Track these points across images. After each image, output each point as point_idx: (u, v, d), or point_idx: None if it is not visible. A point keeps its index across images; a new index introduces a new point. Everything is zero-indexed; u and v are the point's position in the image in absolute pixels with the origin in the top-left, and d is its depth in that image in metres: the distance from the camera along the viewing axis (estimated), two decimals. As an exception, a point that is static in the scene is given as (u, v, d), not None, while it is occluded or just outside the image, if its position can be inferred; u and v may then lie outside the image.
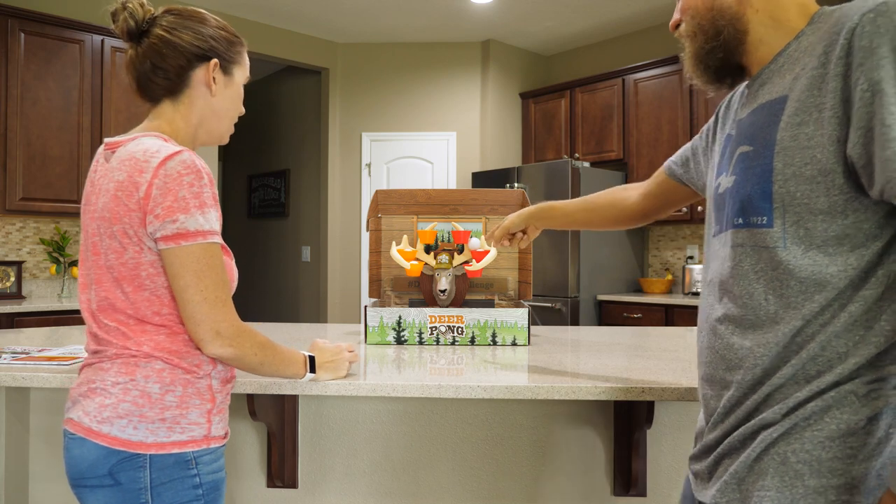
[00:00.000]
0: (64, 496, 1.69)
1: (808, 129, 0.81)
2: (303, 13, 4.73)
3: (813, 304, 0.81)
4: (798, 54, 0.86)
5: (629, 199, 1.39)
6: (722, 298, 0.92)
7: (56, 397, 1.70)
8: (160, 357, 1.06)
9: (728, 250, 0.91)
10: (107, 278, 1.07)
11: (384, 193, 2.15)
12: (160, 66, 1.13)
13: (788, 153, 0.82)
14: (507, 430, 1.62)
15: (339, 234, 5.34)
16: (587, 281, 4.35)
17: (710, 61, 0.96)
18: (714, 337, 0.93)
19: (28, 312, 3.36)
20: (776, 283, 0.84)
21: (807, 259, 0.81)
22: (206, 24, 1.17)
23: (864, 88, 0.75)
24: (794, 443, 0.82)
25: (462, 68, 5.27)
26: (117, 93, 3.87)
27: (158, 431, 1.05)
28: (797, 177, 0.81)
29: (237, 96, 1.23)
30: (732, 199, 0.90)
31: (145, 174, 1.03)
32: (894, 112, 0.72)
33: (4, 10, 3.49)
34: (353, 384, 1.34)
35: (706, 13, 0.94)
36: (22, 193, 3.57)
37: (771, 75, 0.90)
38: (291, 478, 1.61)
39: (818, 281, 0.81)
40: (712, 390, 0.93)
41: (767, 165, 0.84)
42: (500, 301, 2.13)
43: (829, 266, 0.80)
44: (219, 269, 1.06)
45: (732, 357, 0.89)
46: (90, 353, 1.12)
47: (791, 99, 0.84)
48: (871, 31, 0.75)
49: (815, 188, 0.80)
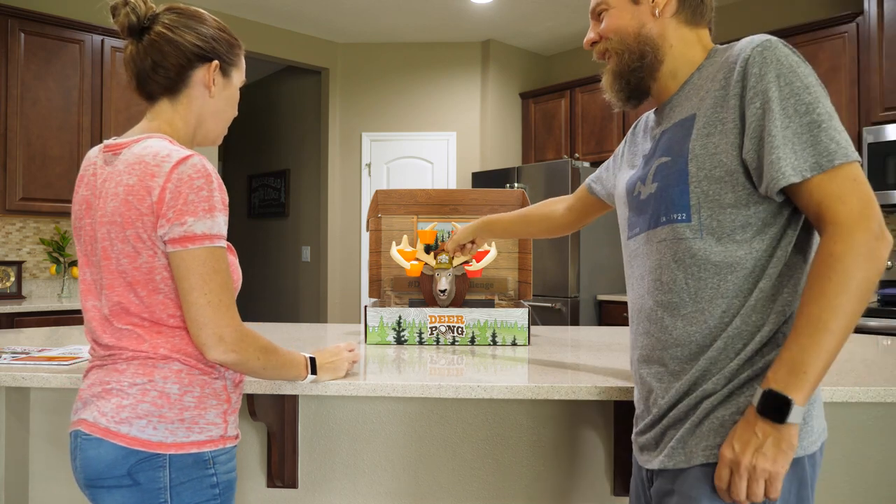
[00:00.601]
0: (64, 496, 1.69)
1: (714, 139, 0.98)
2: (303, 13, 4.73)
3: (728, 284, 0.98)
4: (701, 81, 1.05)
5: (557, 211, 1.60)
6: (651, 289, 1.06)
7: (56, 397, 1.70)
8: (177, 358, 1.07)
9: (653, 246, 1.06)
10: (119, 283, 1.07)
11: (384, 193, 2.15)
12: (161, 65, 1.13)
13: (700, 159, 0.99)
14: (507, 430, 1.62)
15: (339, 234, 5.34)
16: (587, 281, 4.35)
17: (631, 78, 1.11)
18: (649, 323, 1.07)
19: (28, 312, 3.36)
20: (695, 268, 1.00)
21: (720, 246, 0.98)
22: (206, 24, 1.17)
23: (757, 106, 0.93)
24: (731, 406, 0.97)
25: (462, 68, 5.27)
26: (117, 93, 3.87)
27: (178, 432, 1.05)
28: (708, 178, 0.98)
29: (233, 99, 1.23)
30: (657, 202, 1.05)
31: (157, 178, 1.03)
32: (778, 125, 0.91)
33: (4, 10, 3.49)
34: (353, 384, 1.34)
35: (634, 37, 1.09)
36: (22, 193, 3.57)
37: (680, 100, 1.08)
38: (291, 478, 1.61)
39: (730, 263, 0.97)
40: (650, 369, 1.07)
41: (684, 171, 1.00)
42: (500, 301, 2.13)
43: (738, 250, 0.97)
44: (224, 274, 1.06)
45: (668, 338, 1.03)
46: (99, 357, 1.11)
47: (699, 116, 1.01)
48: (760, 61, 0.94)
49: (723, 186, 0.97)
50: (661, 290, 1.04)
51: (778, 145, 0.90)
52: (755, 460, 0.89)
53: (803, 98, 0.91)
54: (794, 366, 0.88)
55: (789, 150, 0.90)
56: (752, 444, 0.89)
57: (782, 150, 0.90)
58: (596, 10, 1.15)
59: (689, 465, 0.99)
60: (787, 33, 3.78)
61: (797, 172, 0.90)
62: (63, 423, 1.70)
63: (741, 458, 0.90)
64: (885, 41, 3.39)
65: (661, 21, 1.08)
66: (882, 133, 3.35)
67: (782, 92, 0.92)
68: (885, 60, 3.39)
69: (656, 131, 1.12)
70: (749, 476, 0.90)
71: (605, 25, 1.12)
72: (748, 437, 0.90)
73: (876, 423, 1.55)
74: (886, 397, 1.29)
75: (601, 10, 1.13)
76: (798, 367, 0.88)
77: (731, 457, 0.91)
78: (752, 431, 0.90)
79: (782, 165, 0.90)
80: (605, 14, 1.12)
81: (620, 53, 1.11)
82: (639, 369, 1.11)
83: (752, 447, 0.89)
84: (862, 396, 1.29)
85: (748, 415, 0.92)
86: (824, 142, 0.90)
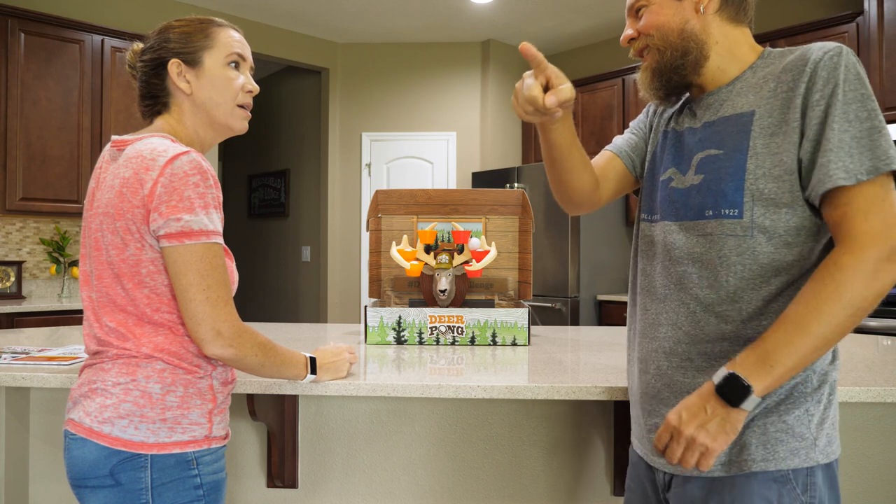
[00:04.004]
0: (64, 496, 1.69)
1: (777, 139, 0.97)
2: (303, 13, 4.73)
3: (770, 287, 0.97)
4: (756, 80, 1.04)
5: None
6: (685, 281, 1.04)
7: (56, 397, 1.70)
8: (160, 357, 1.06)
9: (693, 238, 1.04)
10: (107, 274, 1.08)
11: (384, 193, 2.15)
12: (141, 94, 1.20)
13: (760, 157, 0.98)
14: (507, 430, 1.62)
15: (339, 234, 5.34)
16: (587, 281, 4.35)
17: (673, 76, 1.09)
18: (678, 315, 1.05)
19: (28, 312, 3.36)
20: (739, 266, 0.99)
21: (769, 247, 0.97)
22: (165, 32, 1.18)
23: (821, 109, 0.93)
24: (772, 415, 0.97)
25: (462, 68, 5.27)
26: (117, 93, 3.87)
27: (160, 432, 1.04)
28: (766, 176, 0.97)
29: (218, 79, 1.17)
30: (702, 194, 1.03)
31: (151, 172, 1.03)
32: (835, 130, 0.91)
33: (4, 10, 3.49)
34: (353, 384, 1.34)
35: (678, 34, 1.07)
36: (22, 193, 3.57)
37: (730, 95, 1.06)
38: (291, 478, 1.61)
39: (776, 267, 0.97)
40: (671, 361, 1.06)
41: (741, 166, 0.99)
42: (500, 301, 2.13)
43: (788, 254, 0.96)
44: (221, 270, 1.06)
45: (699, 333, 1.02)
46: (91, 354, 1.12)
47: (759, 114, 1.00)
48: (830, 66, 0.94)
49: (781, 185, 0.96)
50: (698, 284, 1.02)
51: (832, 148, 0.91)
52: (696, 434, 0.91)
53: (866, 105, 0.92)
54: (765, 356, 0.89)
55: (845, 153, 0.90)
56: (699, 419, 0.91)
57: (835, 153, 0.90)
58: (635, 7, 1.12)
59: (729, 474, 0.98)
60: (788, 33, 3.78)
61: (850, 175, 0.89)
62: (62, 423, 1.70)
63: (684, 428, 0.92)
64: (885, 41, 3.39)
65: (705, 18, 1.06)
66: (882, 133, 3.34)
67: (846, 97, 0.92)
68: (885, 60, 3.39)
69: (695, 122, 1.10)
70: (686, 446, 0.92)
71: (646, 22, 1.09)
72: (697, 410, 0.92)
73: (876, 423, 1.55)
74: (886, 397, 1.29)
75: (640, 6, 1.11)
76: (767, 359, 0.89)
77: (675, 424, 0.93)
78: (703, 406, 0.92)
79: (832, 169, 0.90)
80: (644, 10, 1.10)
81: (662, 51, 1.08)
82: (657, 361, 1.08)
83: (697, 420, 0.91)
84: (862, 396, 1.29)
85: (704, 388, 0.93)
86: (883, 146, 0.90)
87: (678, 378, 1.05)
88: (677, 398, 1.04)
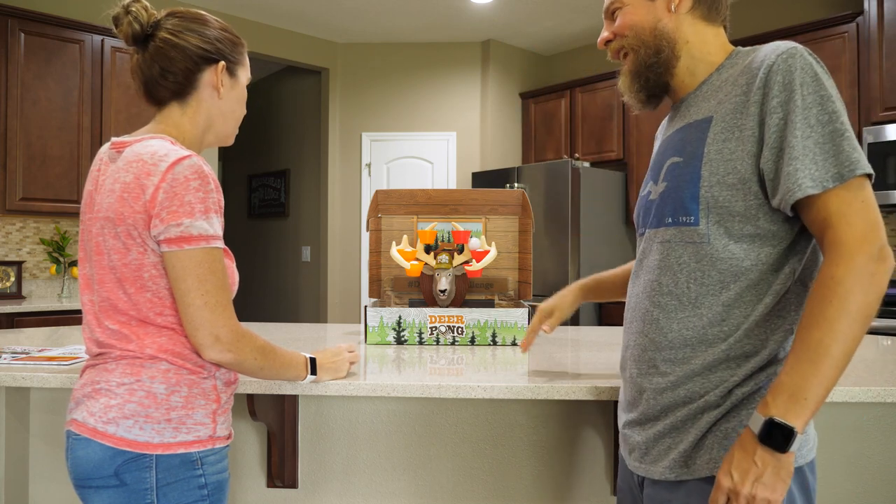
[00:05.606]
0: (64, 496, 1.69)
1: (731, 144, 0.97)
2: (303, 13, 4.72)
3: (729, 292, 0.97)
4: (720, 83, 1.04)
5: None
6: (649, 289, 1.06)
7: (56, 397, 1.70)
8: (164, 358, 1.06)
9: (656, 245, 1.06)
10: (109, 278, 1.07)
11: (384, 193, 2.15)
12: (169, 70, 1.13)
13: (714, 164, 0.97)
14: (507, 430, 1.62)
15: (339, 234, 5.34)
16: (587, 281, 4.34)
17: (650, 75, 1.10)
18: (643, 323, 1.06)
19: (28, 312, 3.36)
20: (698, 273, 0.99)
21: (726, 253, 0.97)
22: (210, 26, 1.17)
23: (780, 116, 0.91)
24: (733, 420, 0.97)
25: (462, 68, 5.27)
26: (117, 93, 3.87)
27: (164, 432, 1.05)
28: (720, 184, 0.96)
29: (242, 97, 1.24)
30: (664, 202, 1.04)
31: (153, 177, 1.03)
32: (798, 136, 0.89)
33: (4, 10, 3.49)
34: (353, 384, 1.34)
35: (650, 31, 1.08)
36: (22, 193, 3.57)
37: (696, 100, 1.07)
38: (291, 478, 1.61)
39: (734, 272, 0.97)
40: (639, 369, 1.07)
41: (696, 173, 0.99)
42: (500, 301, 2.13)
43: (744, 260, 0.96)
44: (220, 274, 1.06)
45: (662, 340, 1.03)
46: (92, 356, 1.12)
47: (716, 119, 1.00)
48: (784, 69, 0.92)
49: (734, 194, 0.96)
50: (659, 290, 1.04)
51: (797, 156, 0.89)
52: (755, 490, 0.87)
53: (826, 107, 0.90)
54: (796, 392, 0.86)
55: (809, 160, 0.89)
56: (752, 474, 0.87)
57: (801, 161, 0.89)
58: (610, 9, 1.13)
59: (692, 478, 0.99)
60: (787, 33, 3.78)
61: (817, 184, 0.88)
62: (63, 423, 1.70)
63: (740, 487, 0.88)
64: (885, 41, 3.39)
65: (677, 17, 1.07)
66: (882, 133, 3.35)
67: (805, 101, 0.90)
68: (885, 60, 3.39)
69: (670, 130, 1.12)
70: None
71: (620, 22, 1.11)
72: (747, 465, 0.88)
73: (876, 423, 1.55)
74: (886, 397, 1.29)
75: (615, 8, 1.12)
76: (799, 394, 0.86)
77: (730, 486, 0.89)
78: (752, 460, 0.87)
79: (800, 177, 0.89)
80: (619, 12, 1.12)
81: (637, 50, 1.09)
82: (629, 368, 1.10)
83: (751, 476, 0.87)
84: (862, 396, 1.29)
85: (746, 441, 0.89)
86: (846, 150, 0.89)
87: (645, 385, 1.06)
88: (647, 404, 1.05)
